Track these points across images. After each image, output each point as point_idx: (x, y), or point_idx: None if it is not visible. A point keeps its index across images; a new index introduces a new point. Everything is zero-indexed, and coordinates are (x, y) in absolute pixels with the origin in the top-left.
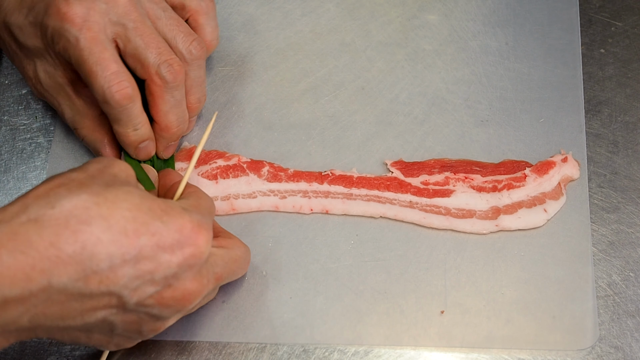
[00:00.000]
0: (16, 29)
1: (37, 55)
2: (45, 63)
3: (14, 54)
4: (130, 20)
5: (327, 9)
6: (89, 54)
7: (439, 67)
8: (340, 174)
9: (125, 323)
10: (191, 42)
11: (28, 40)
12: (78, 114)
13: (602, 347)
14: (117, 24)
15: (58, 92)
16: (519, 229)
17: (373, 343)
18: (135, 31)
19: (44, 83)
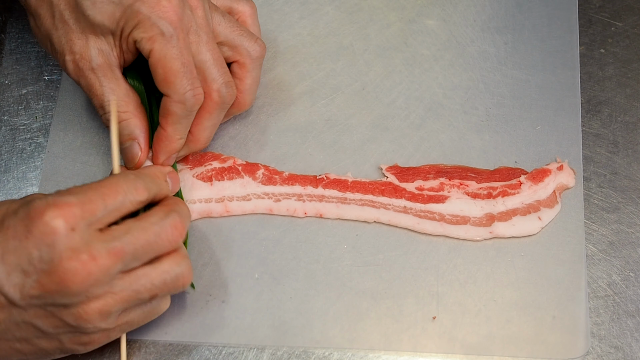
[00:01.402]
0: (86, 1)
1: (97, 32)
2: (102, 42)
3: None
4: (205, 33)
5: (325, 12)
6: (179, 53)
7: (437, 72)
8: (335, 178)
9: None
10: (255, 42)
11: (98, 15)
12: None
13: (602, 347)
14: (195, 32)
15: (105, 73)
16: (513, 237)
17: (372, 343)
18: (207, 45)
19: (93, 61)
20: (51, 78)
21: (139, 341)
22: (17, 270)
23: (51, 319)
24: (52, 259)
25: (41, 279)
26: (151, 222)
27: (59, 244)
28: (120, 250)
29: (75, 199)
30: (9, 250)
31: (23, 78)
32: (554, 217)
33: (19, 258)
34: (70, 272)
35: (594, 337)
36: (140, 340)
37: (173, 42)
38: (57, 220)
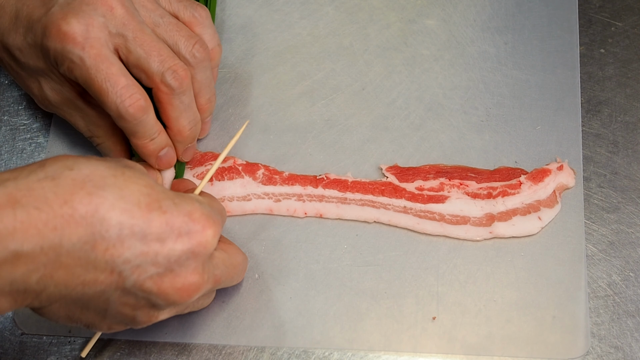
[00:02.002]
0: (15, 50)
1: (41, 74)
2: (50, 81)
3: (16, 74)
4: (130, 30)
5: (325, 12)
6: (96, 71)
7: (437, 72)
8: (335, 178)
9: (121, 304)
10: (194, 45)
11: (30, 60)
12: (92, 124)
13: (602, 347)
14: (116, 35)
15: (68, 106)
16: (513, 237)
17: (372, 344)
18: (135, 41)
19: (52, 100)
20: None
21: (139, 341)
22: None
23: (129, 308)
24: (188, 266)
25: (165, 276)
26: (238, 263)
27: (202, 257)
28: (218, 279)
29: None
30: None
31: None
32: (554, 217)
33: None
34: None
35: (594, 337)
36: (141, 340)
37: (88, 63)
38: (214, 239)
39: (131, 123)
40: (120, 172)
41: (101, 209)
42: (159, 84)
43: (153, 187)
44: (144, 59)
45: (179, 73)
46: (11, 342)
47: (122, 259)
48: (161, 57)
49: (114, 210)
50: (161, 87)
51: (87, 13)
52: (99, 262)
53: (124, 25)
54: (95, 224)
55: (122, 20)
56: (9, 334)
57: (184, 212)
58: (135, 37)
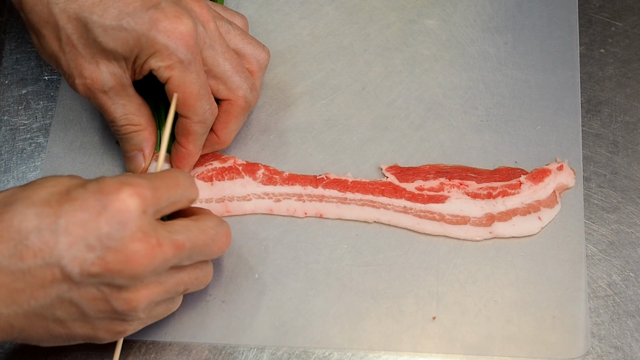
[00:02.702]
0: (98, 27)
1: (109, 58)
2: (114, 66)
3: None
4: (219, 44)
5: (325, 12)
6: (197, 77)
7: (437, 72)
8: (335, 178)
9: (90, 300)
10: (262, 51)
11: (111, 43)
12: (132, 113)
13: (602, 347)
14: (209, 47)
15: (116, 93)
16: (513, 237)
17: (372, 343)
18: (223, 55)
19: (105, 84)
20: (51, 78)
21: (139, 341)
22: (81, 243)
23: (100, 302)
24: (122, 237)
25: (106, 256)
26: (208, 226)
27: (131, 223)
28: (181, 244)
29: (146, 182)
30: (76, 223)
31: (23, 78)
32: (554, 217)
33: (86, 232)
34: (138, 254)
35: (594, 337)
36: (140, 340)
37: (191, 68)
38: (132, 199)
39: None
40: (29, 185)
41: (14, 221)
42: (239, 97)
43: (63, 183)
44: (230, 72)
45: (256, 90)
46: (11, 342)
47: (54, 257)
48: (244, 73)
49: (26, 218)
50: (240, 102)
51: (194, 19)
52: (34, 269)
53: (215, 39)
54: (14, 237)
55: (214, 33)
56: None
57: (93, 191)
58: (224, 51)
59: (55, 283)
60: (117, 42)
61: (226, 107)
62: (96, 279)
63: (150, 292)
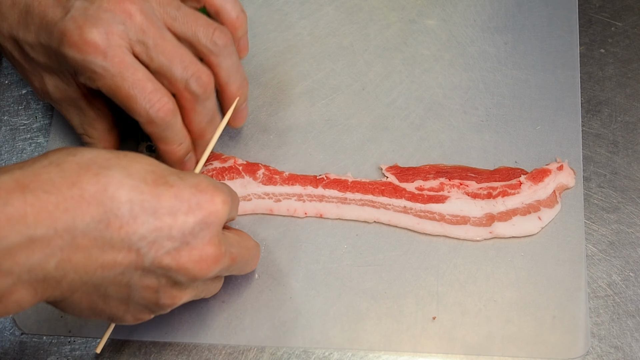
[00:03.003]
0: (25, 45)
1: (47, 71)
2: (55, 79)
3: (18, 65)
4: (150, 37)
5: (325, 12)
6: (122, 79)
7: (437, 72)
8: (335, 178)
9: (143, 288)
10: (213, 33)
11: (40, 58)
12: (87, 124)
13: (602, 347)
14: (137, 42)
15: (68, 104)
16: (513, 237)
17: (372, 343)
18: (156, 48)
19: (53, 96)
20: None
21: (139, 341)
22: (165, 231)
23: (151, 291)
24: (203, 237)
25: (181, 249)
26: (252, 246)
27: (215, 228)
28: (235, 257)
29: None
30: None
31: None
32: (554, 217)
33: (175, 222)
34: (210, 257)
35: (594, 337)
36: (140, 340)
37: (112, 72)
38: (224, 206)
39: (161, 127)
40: (123, 154)
41: (110, 187)
42: (182, 91)
43: (157, 164)
44: (166, 66)
45: (202, 79)
46: (11, 342)
47: (137, 235)
48: (184, 63)
49: (122, 188)
50: (185, 94)
51: (106, 21)
52: (115, 241)
53: (144, 32)
54: (106, 203)
55: (142, 27)
56: (9, 334)
57: (190, 184)
58: (156, 44)
59: (125, 262)
60: (44, 57)
61: (179, 101)
62: (163, 270)
63: (190, 294)
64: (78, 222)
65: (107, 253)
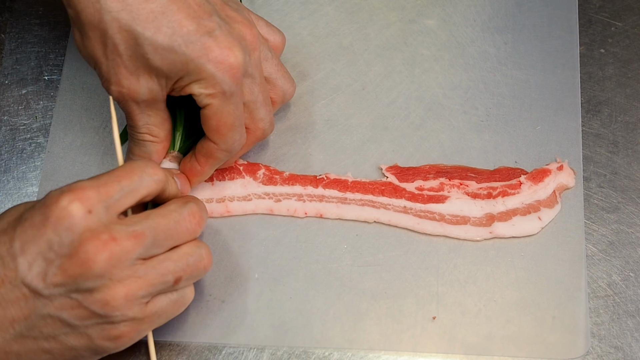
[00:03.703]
0: (148, 44)
1: (151, 74)
2: (153, 82)
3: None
4: (258, 74)
5: (325, 12)
6: (235, 109)
7: (437, 72)
8: (335, 178)
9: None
10: (292, 83)
11: (158, 61)
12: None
13: (602, 347)
14: (249, 75)
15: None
16: (513, 237)
17: (372, 343)
18: (259, 86)
19: (140, 97)
20: (51, 78)
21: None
22: (38, 259)
23: (77, 309)
24: (72, 241)
25: (63, 264)
26: (170, 210)
27: (77, 226)
28: (140, 233)
29: (89, 183)
30: (28, 241)
31: (23, 78)
32: (554, 217)
33: (39, 246)
34: (92, 252)
35: (594, 337)
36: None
37: (232, 99)
38: (72, 204)
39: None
40: None
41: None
42: (258, 130)
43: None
44: (260, 104)
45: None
46: None
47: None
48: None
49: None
50: (257, 134)
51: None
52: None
53: (255, 68)
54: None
55: (256, 62)
56: None
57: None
58: (260, 82)
59: (28, 302)
60: (164, 62)
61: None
62: (62, 288)
63: (127, 287)
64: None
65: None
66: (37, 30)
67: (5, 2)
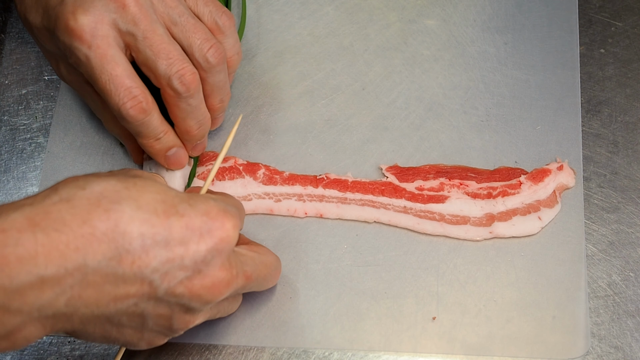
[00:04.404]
0: (34, 28)
1: (56, 56)
2: (65, 63)
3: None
4: (140, 29)
5: (325, 12)
6: (101, 72)
7: (437, 72)
8: (335, 177)
9: (157, 316)
10: (208, 50)
11: (46, 42)
12: (99, 109)
13: (602, 347)
14: (126, 33)
15: (80, 87)
16: (513, 237)
17: (372, 344)
18: (144, 41)
19: (66, 79)
20: (51, 78)
21: None
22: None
23: (164, 318)
24: (215, 264)
25: (193, 278)
26: (270, 261)
27: (226, 252)
28: (250, 276)
29: (237, 212)
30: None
31: (23, 78)
32: (554, 217)
33: (186, 252)
34: (222, 283)
35: (594, 337)
36: None
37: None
38: (234, 231)
39: (133, 124)
40: (132, 184)
41: (121, 223)
42: (165, 86)
43: (166, 192)
44: (152, 60)
45: (186, 78)
46: None
47: (150, 268)
48: (169, 60)
49: (133, 223)
50: (167, 90)
51: (98, 9)
52: (128, 276)
53: (135, 24)
54: (118, 239)
55: (134, 18)
56: None
57: (201, 212)
58: (145, 37)
59: (140, 294)
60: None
61: (163, 96)
62: (176, 298)
63: (204, 316)
64: (89, 260)
65: (119, 287)
66: None
67: (5, 2)
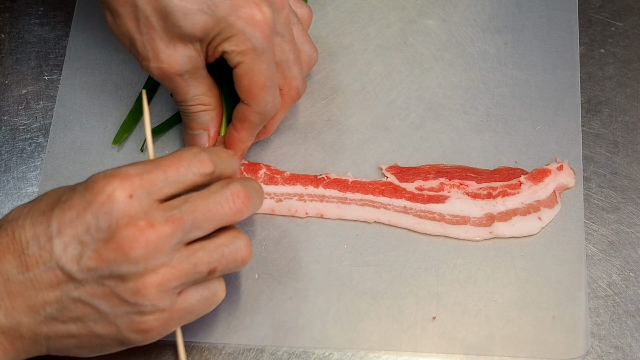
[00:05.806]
0: (177, 11)
1: (185, 41)
2: (190, 49)
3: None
4: (287, 32)
5: (326, 12)
6: (267, 68)
7: (437, 72)
8: (335, 177)
9: (99, 297)
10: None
11: (190, 27)
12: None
13: (602, 347)
14: (280, 34)
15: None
16: (513, 237)
17: (372, 343)
18: (289, 44)
19: (182, 68)
20: (51, 78)
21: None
22: (74, 242)
23: (108, 296)
24: (109, 226)
25: (99, 248)
26: (211, 191)
27: (116, 210)
28: (178, 218)
29: (134, 169)
30: (66, 223)
31: (23, 78)
32: (554, 217)
33: (76, 229)
34: (128, 239)
35: (594, 337)
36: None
37: (263, 57)
38: (115, 189)
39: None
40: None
41: (15, 234)
42: (292, 89)
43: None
44: (292, 62)
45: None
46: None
47: (53, 259)
48: (300, 65)
49: (24, 229)
50: (291, 93)
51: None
52: (39, 275)
53: (284, 26)
54: (17, 249)
55: (285, 21)
56: None
57: (79, 190)
58: (290, 40)
59: (61, 284)
60: (196, 26)
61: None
62: (96, 272)
63: (160, 276)
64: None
65: (41, 289)
66: (37, 30)
67: (5, 2)
